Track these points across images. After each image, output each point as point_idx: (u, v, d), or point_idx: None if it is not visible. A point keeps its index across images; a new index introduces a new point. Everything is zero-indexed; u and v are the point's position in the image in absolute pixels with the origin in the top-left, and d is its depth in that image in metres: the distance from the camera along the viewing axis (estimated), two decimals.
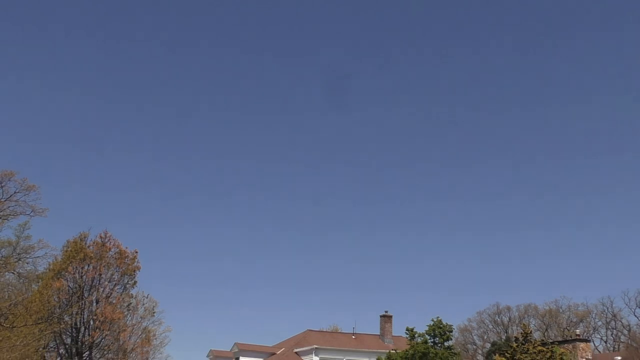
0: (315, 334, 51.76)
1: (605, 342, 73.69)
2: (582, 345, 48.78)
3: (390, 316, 52.74)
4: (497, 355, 32.09)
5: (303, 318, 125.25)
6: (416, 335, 38.35)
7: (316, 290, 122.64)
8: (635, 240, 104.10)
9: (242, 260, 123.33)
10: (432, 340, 38.05)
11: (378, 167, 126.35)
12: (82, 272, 43.00)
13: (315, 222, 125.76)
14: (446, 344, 38.40)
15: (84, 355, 42.41)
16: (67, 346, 42.54)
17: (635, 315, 72.94)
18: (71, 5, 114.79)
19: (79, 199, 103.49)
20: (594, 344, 68.75)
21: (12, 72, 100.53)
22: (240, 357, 46.68)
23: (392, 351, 38.61)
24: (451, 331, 39.35)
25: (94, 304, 42.98)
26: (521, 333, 31.56)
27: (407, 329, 39.28)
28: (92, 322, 42.54)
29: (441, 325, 38.35)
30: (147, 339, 47.74)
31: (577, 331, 56.34)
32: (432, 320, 38.69)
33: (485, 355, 65.51)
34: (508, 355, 29.92)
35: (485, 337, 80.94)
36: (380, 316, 52.82)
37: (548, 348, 29.95)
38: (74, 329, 42.27)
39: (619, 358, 43.70)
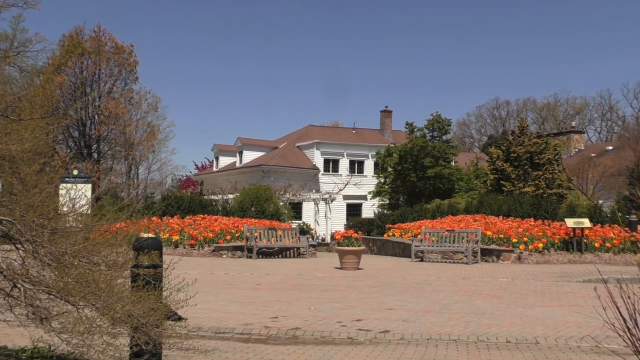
0: (316, 128, 52.20)
1: (599, 133, 75.16)
2: (575, 136, 50.21)
3: (390, 111, 52.83)
4: (493, 147, 32.87)
5: (304, 115, 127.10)
6: (415, 130, 39.17)
7: (317, 89, 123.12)
8: (638, 34, 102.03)
9: (243, 60, 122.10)
10: (430, 134, 38.98)
11: None
12: (82, 67, 42.86)
13: (314, 26, 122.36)
14: (444, 137, 39.43)
15: (92, 147, 43.84)
16: (75, 139, 43.79)
17: (632, 107, 73.77)
18: None
19: None
20: (588, 136, 70.28)
21: None
22: (244, 151, 47.13)
23: (391, 145, 39.54)
24: (449, 125, 40.17)
25: (97, 99, 43.40)
26: (518, 126, 31.99)
27: (407, 124, 40.04)
28: (97, 117, 43.31)
29: (440, 120, 39.05)
30: (152, 133, 48.95)
31: (573, 124, 57.23)
32: (432, 115, 39.39)
33: (482, 148, 67.34)
34: (504, 148, 30.56)
35: (483, 131, 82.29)
36: (381, 111, 52.93)
37: (543, 140, 30.59)
38: (80, 123, 43.20)
39: (611, 147, 44.81)
